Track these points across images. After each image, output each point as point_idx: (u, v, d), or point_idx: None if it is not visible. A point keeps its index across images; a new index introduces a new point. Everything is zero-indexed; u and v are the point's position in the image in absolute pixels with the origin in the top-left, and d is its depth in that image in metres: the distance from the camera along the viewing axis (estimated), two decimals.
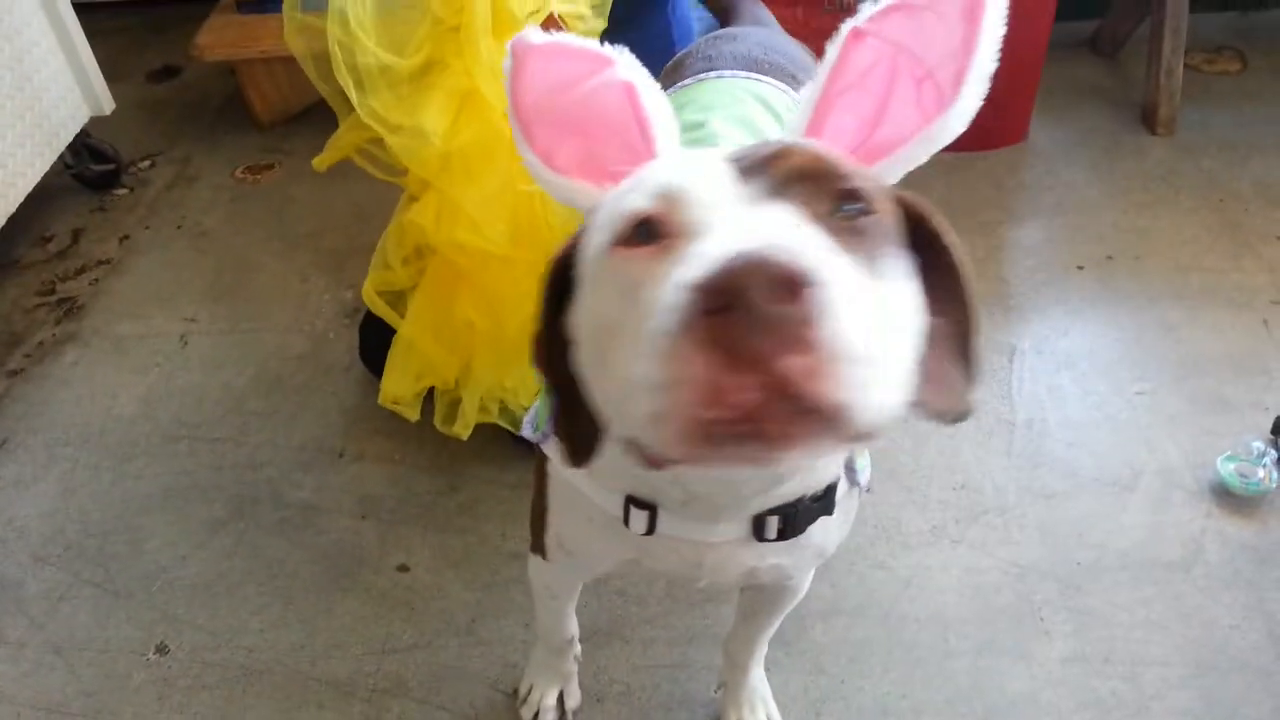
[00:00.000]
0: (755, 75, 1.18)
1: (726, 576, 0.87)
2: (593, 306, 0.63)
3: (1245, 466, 1.53)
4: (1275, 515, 1.52)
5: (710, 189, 0.59)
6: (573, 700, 1.31)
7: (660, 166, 0.66)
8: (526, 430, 0.91)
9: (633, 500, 0.78)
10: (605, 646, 1.38)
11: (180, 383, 1.85)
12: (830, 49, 0.69)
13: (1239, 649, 1.35)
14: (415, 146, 1.39)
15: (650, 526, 0.78)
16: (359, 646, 1.40)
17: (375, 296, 1.61)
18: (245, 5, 2.52)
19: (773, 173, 0.59)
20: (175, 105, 2.77)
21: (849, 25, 0.68)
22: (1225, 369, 1.77)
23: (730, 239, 0.51)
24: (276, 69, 2.51)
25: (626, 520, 0.79)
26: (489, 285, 1.48)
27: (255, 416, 1.77)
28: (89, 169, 2.36)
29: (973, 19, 0.66)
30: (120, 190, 2.41)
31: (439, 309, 1.56)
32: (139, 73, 2.92)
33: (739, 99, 1.12)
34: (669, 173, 0.62)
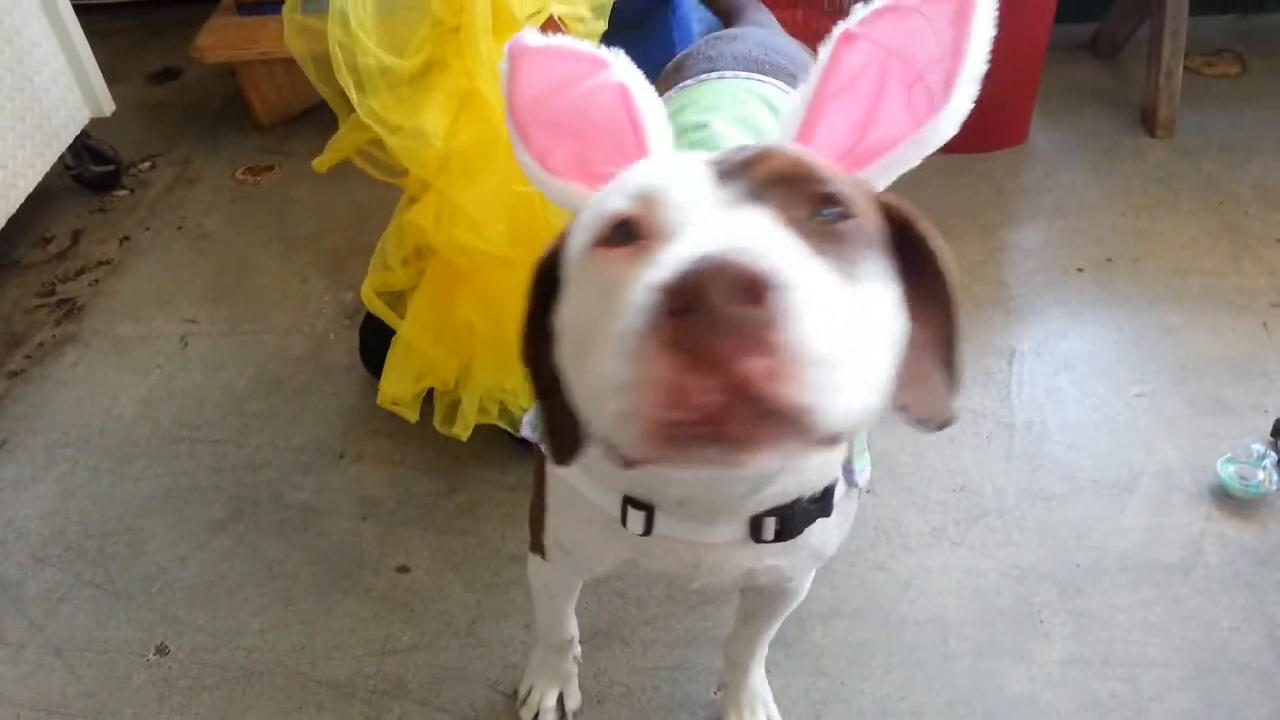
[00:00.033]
0: (757, 76, 1.18)
1: (724, 578, 0.87)
2: (574, 305, 0.63)
3: (1245, 469, 1.54)
4: (1275, 518, 1.52)
5: (688, 191, 0.59)
6: (573, 702, 1.31)
7: (642, 168, 0.66)
8: (526, 431, 0.91)
9: (630, 501, 0.78)
10: (605, 648, 1.38)
11: (180, 384, 1.85)
12: (822, 51, 0.69)
13: (1239, 651, 1.35)
14: (415, 147, 1.39)
15: (647, 527, 0.78)
16: (359, 648, 1.40)
17: (374, 297, 1.61)
18: (245, 7, 2.52)
19: (751, 176, 0.60)
20: (175, 107, 2.77)
21: (840, 28, 0.69)
22: (1225, 371, 1.77)
23: (700, 241, 0.52)
24: (277, 70, 2.51)
25: (624, 520, 0.79)
26: (489, 286, 1.48)
27: (255, 418, 1.77)
28: (89, 170, 2.36)
29: (962, 23, 0.66)
30: (120, 191, 2.41)
31: (438, 310, 1.56)
32: (139, 74, 2.92)
33: (741, 99, 1.13)
34: (649, 174, 0.62)
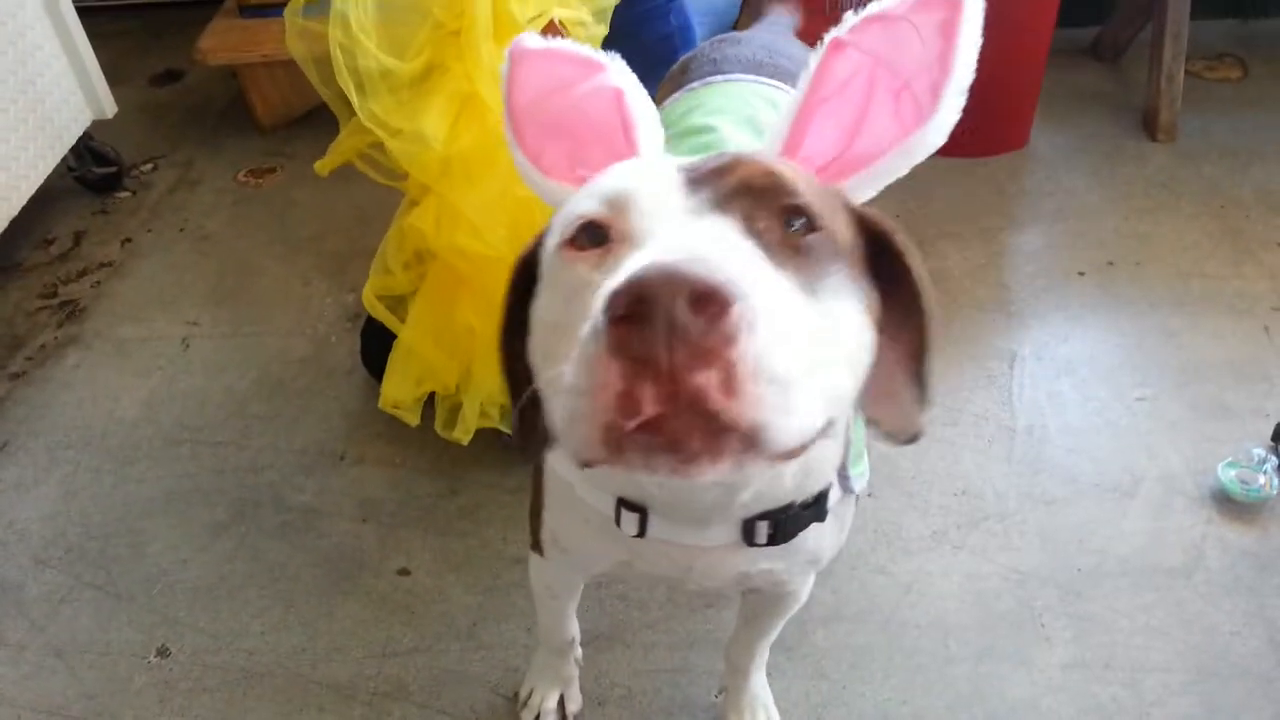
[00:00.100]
0: (762, 79, 1.18)
1: (719, 581, 0.87)
2: (544, 304, 0.64)
3: (1246, 473, 1.53)
4: (1276, 522, 1.52)
5: (655, 198, 0.60)
6: (574, 704, 1.31)
7: (615, 172, 0.66)
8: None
9: (624, 502, 0.79)
10: (606, 650, 1.38)
11: (182, 386, 1.85)
12: (811, 58, 0.70)
13: (1240, 655, 1.35)
14: (415, 151, 1.39)
15: (641, 529, 0.78)
16: (360, 650, 1.40)
17: (375, 301, 1.61)
18: (247, 9, 2.52)
19: (720, 185, 0.60)
20: (177, 109, 2.78)
21: (830, 35, 0.69)
22: (1226, 375, 1.77)
23: (658, 251, 0.52)
24: (278, 73, 2.51)
25: (618, 521, 0.79)
26: (489, 290, 1.48)
27: (257, 420, 1.77)
28: (91, 172, 2.36)
29: (950, 33, 0.66)
30: (122, 193, 2.41)
31: (439, 314, 1.56)
32: (141, 76, 2.92)
33: (748, 102, 1.13)
34: (620, 178, 0.63)
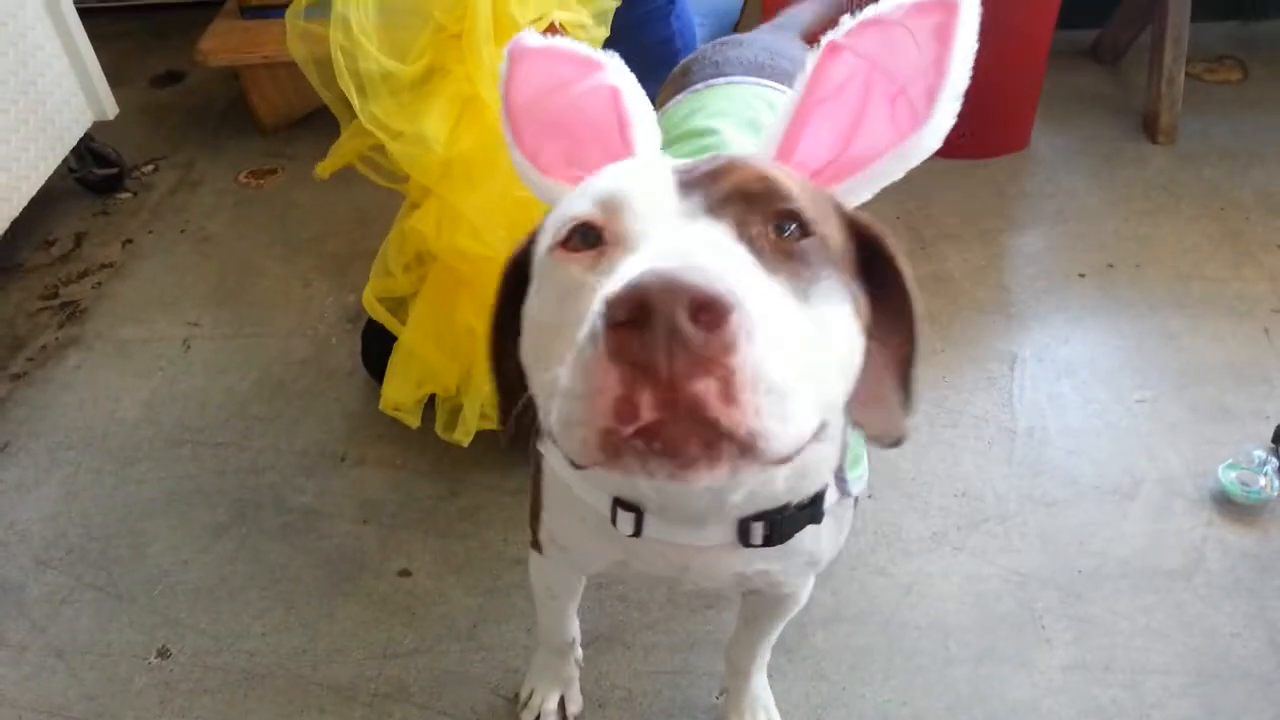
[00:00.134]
0: (763, 81, 1.19)
1: (715, 581, 0.87)
2: (536, 304, 0.65)
3: (1246, 475, 1.54)
4: (1276, 524, 1.52)
5: (649, 201, 0.60)
6: (574, 705, 1.31)
7: (607, 173, 0.67)
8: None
9: (619, 502, 0.79)
10: (607, 652, 1.38)
11: (183, 387, 1.85)
12: (808, 61, 0.70)
13: (1240, 657, 1.35)
14: (416, 153, 1.39)
15: (637, 529, 0.79)
16: (360, 651, 1.40)
17: (376, 303, 1.61)
18: (248, 11, 2.53)
19: (714, 189, 0.60)
20: (179, 110, 2.78)
21: (827, 38, 0.69)
22: (1226, 377, 1.77)
23: (654, 255, 0.52)
24: (280, 74, 2.51)
25: (614, 521, 0.80)
26: (490, 292, 1.47)
27: (258, 421, 1.77)
28: (92, 173, 2.36)
29: (945, 38, 0.67)
30: (123, 194, 2.41)
31: (440, 316, 1.56)
32: (142, 77, 2.93)
33: (750, 104, 1.13)
34: (613, 180, 0.63)
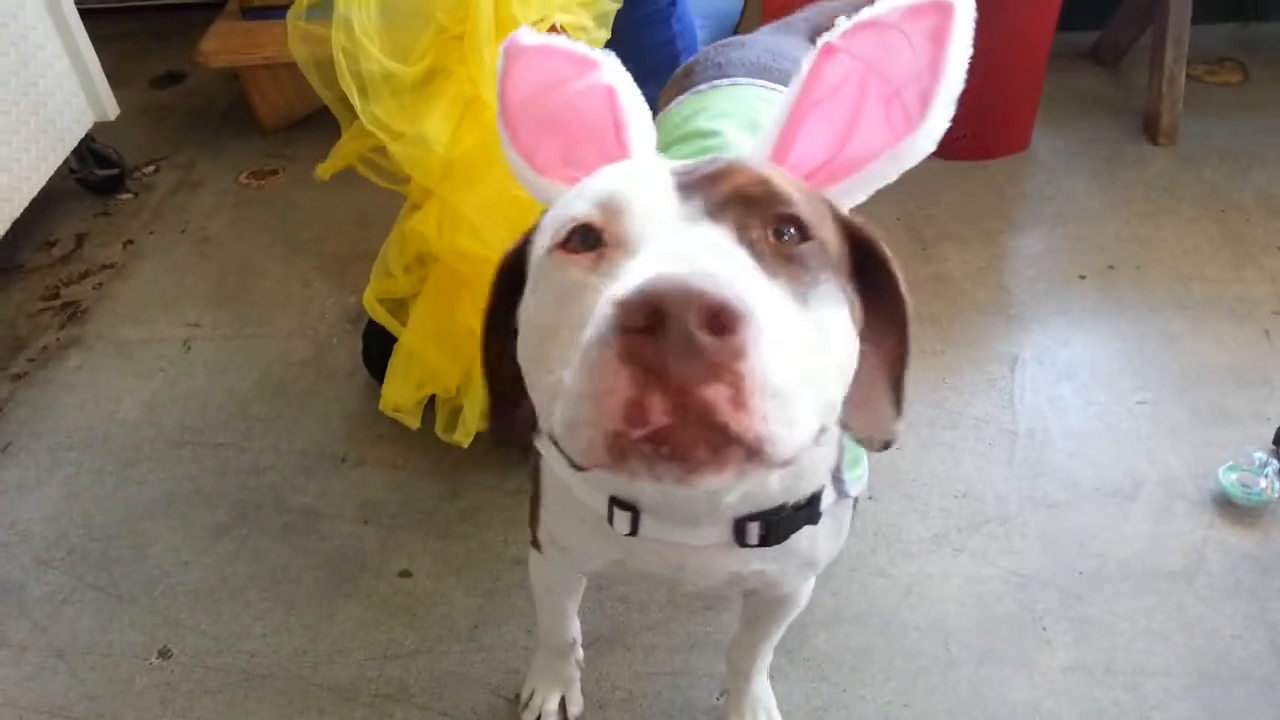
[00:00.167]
0: (767, 83, 1.19)
1: (711, 581, 0.87)
2: (533, 305, 0.65)
3: (1247, 477, 1.54)
4: (1277, 526, 1.52)
5: (649, 204, 0.60)
6: (575, 706, 1.31)
7: (605, 175, 0.67)
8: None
9: (616, 501, 0.79)
10: (607, 653, 1.38)
11: (184, 387, 1.85)
12: (804, 62, 0.70)
13: (1241, 659, 1.35)
14: (418, 154, 1.39)
15: (633, 528, 0.79)
16: (361, 652, 1.40)
17: (377, 304, 1.61)
18: (249, 12, 2.53)
19: (713, 192, 0.60)
20: (179, 111, 2.78)
21: (822, 40, 0.70)
22: (1227, 380, 1.77)
23: (659, 259, 0.52)
24: (280, 75, 2.52)
25: (610, 520, 0.80)
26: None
27: (258, 422, 1.77)
28: (93, 174, 2.36)
29: (940, 40, 0.67)
30: (124, 195, 2.41)
31: (440, 317, 1.57)
32: (143, 78, 2.93)
33: (751, 106, 1.13)
34: (612, 182, 0.63)
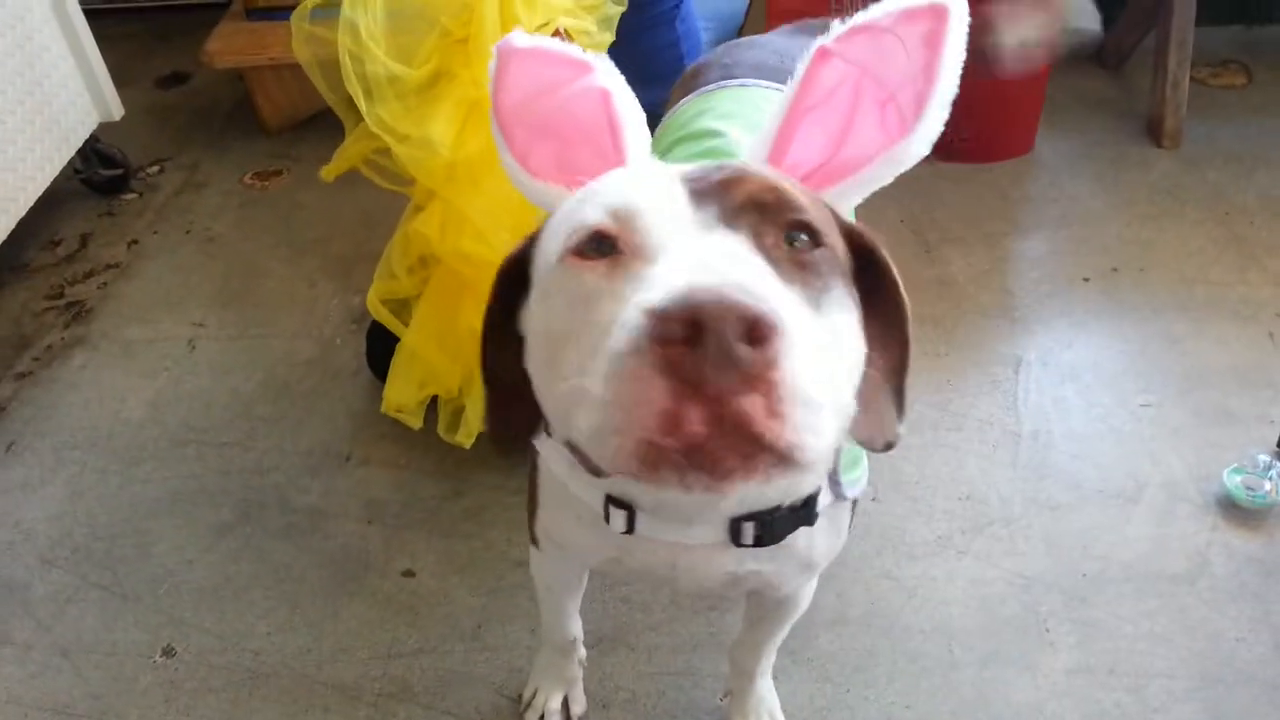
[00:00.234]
0: (772, 84, 1.19)
1: (706, 580, 0.87)
2: (544, 311, 0.64)
3: (1251, 479, 1.53)
4: None
5: (663, 211, 0.60)
6: (578, 706, 1.31)
7: (614, 181, 0.67)
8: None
9: (611, 499, 0.79)
10: (610, 653, 1.39)
11: (188, 387, 1.86)
12: (799, 65, 0.70)
13: (1245, 661, 1.35)
14: (422, 156, 1.40)
15: (629, 526, 0.79)
16: (365, 651, 1.40)
17: (380, 305, 1.61)
18: (254, 12, 2.53)
19: (726, 199, 0.61)
20: (184, 111, 2.79)
21: (817, 43, 0.70)
22: (1230, 382, 1.77)
23: (686, 268, 0.53)
24: (285, 76, 2.52)
25: (606, 518, 0.80)
26: None
27: (262, 421, 1.77)
28: (98, 174, 2.37)
29: (934, 44, 0.67)
30: (129, 195, 2.42)
31: (443, 318, 1.57)
32: (148, 79, 2.94)
33: (757, 107, 1.13)
34: (623, 188, 0.63)
